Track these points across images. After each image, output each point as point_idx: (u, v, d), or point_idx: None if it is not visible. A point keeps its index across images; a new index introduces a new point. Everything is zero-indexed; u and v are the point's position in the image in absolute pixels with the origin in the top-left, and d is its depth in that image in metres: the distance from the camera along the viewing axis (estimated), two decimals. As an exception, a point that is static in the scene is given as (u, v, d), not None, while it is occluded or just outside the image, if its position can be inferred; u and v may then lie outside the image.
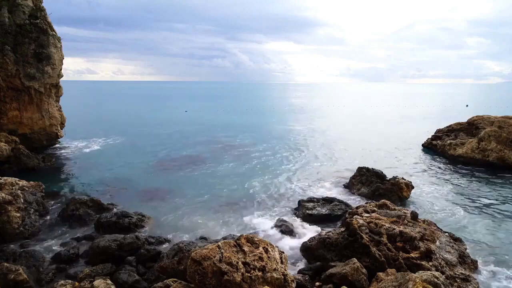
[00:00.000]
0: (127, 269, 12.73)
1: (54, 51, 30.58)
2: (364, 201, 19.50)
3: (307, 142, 39.95)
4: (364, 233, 12.95)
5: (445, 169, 27.92)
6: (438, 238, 13.58)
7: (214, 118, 64.25)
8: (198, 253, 9.78)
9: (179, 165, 29.42)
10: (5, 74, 28.05)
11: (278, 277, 9.89)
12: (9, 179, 17.67)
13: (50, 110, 31.75)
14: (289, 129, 51.23)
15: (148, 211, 18.74)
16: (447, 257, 12.54)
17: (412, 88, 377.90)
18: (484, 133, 29.51)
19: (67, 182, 24.59)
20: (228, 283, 9.28)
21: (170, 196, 21.60)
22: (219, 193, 22.12)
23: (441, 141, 33.93)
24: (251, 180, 24.81)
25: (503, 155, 27.68)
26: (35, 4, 30.32)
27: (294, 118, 66.81)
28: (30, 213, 16.65)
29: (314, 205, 18.58)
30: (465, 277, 11.64)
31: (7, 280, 11.23)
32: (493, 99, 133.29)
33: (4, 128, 28.93)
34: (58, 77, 32.08)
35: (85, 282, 10.99)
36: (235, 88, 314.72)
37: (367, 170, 22.67)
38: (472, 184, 24.06)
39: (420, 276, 9.51)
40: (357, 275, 11.31)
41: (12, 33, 28.31)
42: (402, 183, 20.93)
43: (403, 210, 15.53)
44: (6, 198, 15.84)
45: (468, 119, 34.79)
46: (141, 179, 24.95)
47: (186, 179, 25.06)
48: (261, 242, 10.78)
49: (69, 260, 13.78)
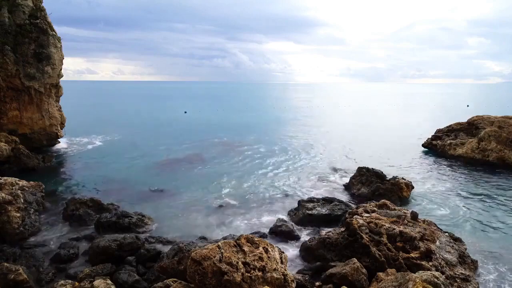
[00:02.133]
0: (127, 269, 12.73)
1: (54, 51, 30.57)
2: (364, 201, 19.51)
3: (307, 142, 39.95)
4: (364, 233, 12.95)
5: (445, 169, 27.91)
6: (438, 238, 13.58)
7: (214, 118, 64.26)
8: (198, 253, 9.78)
9: (179, 165, 29.42)
10: (5, 74, 28.05)
11: (278, 277, 9.89)
12: (9, 179, 17.67)
13: (50, 110, 31.74)
14: (289, 129, 51.23)
15: (148, 211, 18.74)
16: (447, 257, 12.54)
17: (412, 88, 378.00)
18: (484, 133, 29.52)
19: (67, 182, 24.58)
20: (228, 283, 9.28)
21: (170, 196, 21.60)
22: (219, 193, 22.12)
23: (441, 141, 33.92)
24: (251, 180, 24.82)
25: (503, 155, 27.69)
26: (35, 4, 30.32)
27: (294, 118, 66.79)
28: (30, 213, 16.65)
29: (314, 205, 18.58)
30: (465, 277, 11.64)
31: (7, 280, 11.22)
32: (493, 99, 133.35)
33: (4, 128, 28.93)
34: (58, 77, 32.08)
35: (85, 282, 10.98)
36: (235, 88, 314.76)
37: (367, 170, 22.67)
38: (472, 184, 24.05)
39: (420, 276, 9.51)
40: (357, 275, 11.31)
41: (12, 33, 28.31)
42: (402, 183, 20.93)
43: (403, 210, 15.53)
44: (6, 198, 15.83)
45: (468, 119, 34.80)
46: (141, 179, 24.94)
47: (186, 179, 25.05)
48: (261, 242, 10.78)
49: (69, 260, 13.79)
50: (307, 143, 39.38)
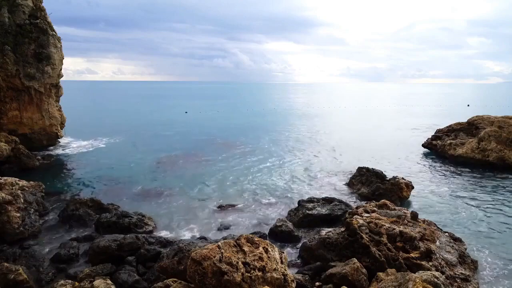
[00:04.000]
0: (127, 269, 12.73)
1: (54, 51, 30.58)
2: (364, 201, 19.50)
3: (307, 142, 39.96)
4: (364, 233, 12.94)
5: (445, 169, 27.91)
6: (438, 238, 13.59)
7: (214, 118, 64.28)
8: (198, 253, 9.78)
9: (179, 165, 29.43)
10: (5, 74, 28.07)
11: (278, 277, 9.89)
12: (9, 179, 17.66)
13: (50, 110, 31.75)
14: (289, 129, 51.22)
15: (148, 211, 18.75)
16: (447, 257, 12.54)
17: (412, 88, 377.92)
18: (484, 133, 29.51)
19: (67, 182, 24.59)
20: (228, 283, 9.28)
21: (170, 196, 21.60)
22: (219, 193, 22.13)
23: (441, 141, 33.92)
24: (251, 180, 24.83)
25: (503, 155, 27.68)
26: (35, 4, 30.33)
27: (294, 118, 66.79)
28: (30, 213, 16.65)
29: (314, 205, 18.57)
30: (465, 277, 11.64)
31: (7, 280, 11.22)
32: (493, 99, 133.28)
33: (4, 128, 28.94)
34: (58, 77, 32.10)
35: (85, 282, 10.98)
36: (235, 88, 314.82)
37: (367, 170, 22.66)
38: (472, 184, 24.05)
39: (420, 276, 9.51)
40: (357, 275, 11.30)
41: (12, 33, 28.32)
42: (402, 183, 20.93)
43: (403, 210, 15.54)
44: (6, 198, 15.83)
45: (468, 119, 34.79)
46: (141, 179, 24.94)
47: (186, 179, 25.06)
48: (261, 242, 10.77)
49: (69, 260, 13.78)
50: (307, 143, 39.38)
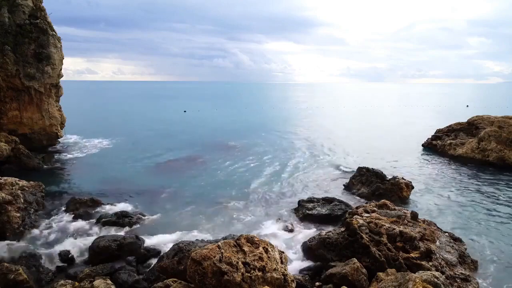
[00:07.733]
0: (127, 269, 12.73)
1: (54, 51, 30.56)
2: (364, 201, 19.50)
3: (307, 142, 39.93)
4: (364, 233, 12.95)
5: (445, 169, 27.90)
6: (438, 238, 13.59)
7: (214, 118, 64.25)
8: (198, 253, 9.78)
9: (179, 165, 29.42)
10: (5, 74, 28.04)
11: (278, 277, 9.89)
12: (9, 179, 17.66)
13: (50, 110, 31.73)
14: (289, 129, 51.19)
15: (148, 211, 18.75)
16: (447, 257, 12.55)
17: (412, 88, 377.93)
18: (484, 133, 29.52)
19: (67, 182, 24.58)
20: (228, 283, 9.28)
21: (170, 196, 21.59)
22: (219, 193, 22.10)
23: (441, 141, 33.93)
24: (251, 180, 24.81)
25: (503, 155, 27.68)
26: (35, 4, 30.30)
27: (294, 118, 66.78)
28: (30, 213, 16.66)
29: (314, 205, 18.58)
30: (465, 277, 11.64)
31: (7, 280, 11.22)
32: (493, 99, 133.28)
33: (4, 128, 28.92)
34: (58, 77, 32.07)
35: (85, 282, 10.98)
36: (235, 88, 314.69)
37: (367, 170, 22.66)
38: (472, 184, 24.04)
39: (420, 276, 9.51)
40: (357, 275, 11.31)
41: (12, 33, 28.30)
42: (402, 183, 20.93)
43: (403, 210, 15.54)
44: (6, 198, 15.83)
45: (468, 119, 34.81)
46: (141, 179, 24.93)
47: (186, 179, 25.05)
48: (261, 242, 10.77)
49: (69, 260, 13.78)
50: (307, 143, 39.35)
